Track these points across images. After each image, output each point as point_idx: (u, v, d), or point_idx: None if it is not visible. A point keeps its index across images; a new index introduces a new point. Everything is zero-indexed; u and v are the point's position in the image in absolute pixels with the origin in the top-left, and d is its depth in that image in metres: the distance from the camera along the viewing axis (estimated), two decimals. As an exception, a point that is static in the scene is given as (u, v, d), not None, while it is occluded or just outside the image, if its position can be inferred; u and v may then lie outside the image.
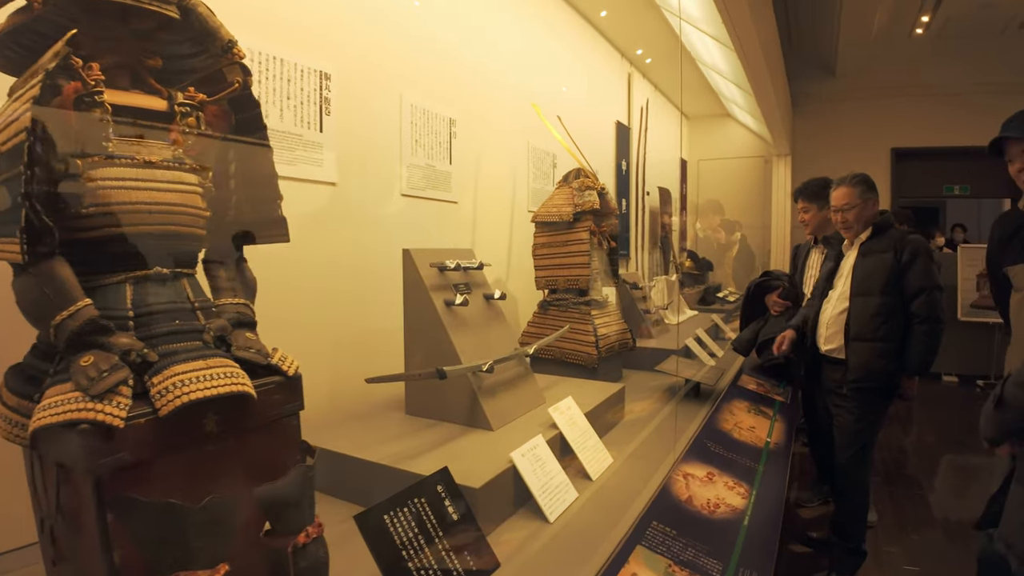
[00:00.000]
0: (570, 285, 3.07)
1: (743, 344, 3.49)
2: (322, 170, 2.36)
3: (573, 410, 2.07)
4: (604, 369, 3.06)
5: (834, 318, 2.68)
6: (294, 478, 1.16)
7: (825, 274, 2.82)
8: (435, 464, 1.65)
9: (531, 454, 1.74)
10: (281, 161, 2.21)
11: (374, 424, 2.09)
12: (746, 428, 2.31)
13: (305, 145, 2.30)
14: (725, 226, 7.38)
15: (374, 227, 2.57)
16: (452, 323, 2.09)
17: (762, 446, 2.16)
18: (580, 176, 3.12)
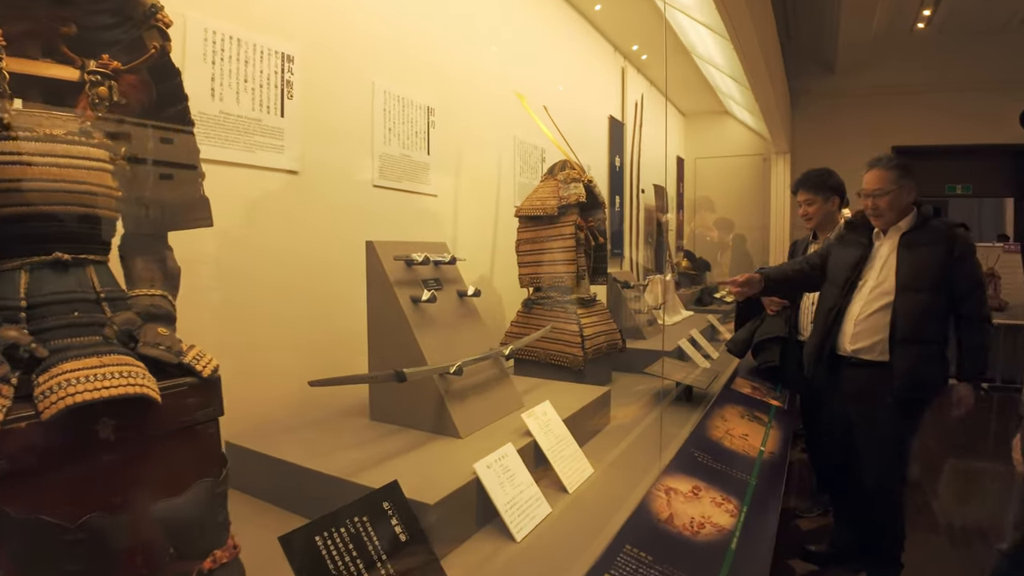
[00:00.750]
0: (555, 283, 2.90)
1: (738, 345, 3.31)
2: (283, 157, 2.20)
3: (550, 416, 1.90)
4: (592, 372, 2.90)
5: (866, 315, 2.37)
6: (196, 495, 1.00)
7: (850, 263, 2.47)
8: (390, 476, 1.49)
9: (498, 465, 1.57)
10: (238, 147, 2.05)
11: (333, 430, 1.92)
12: (738, 436, 2.13)
13: (264, 131, 2.14)
14: (719, 224, 7.21)
15: (342, 219, 2.40)
16: (419, 321, 1.93)
17: (755, 456, 1.99)
18: (566, 168, 2.96)
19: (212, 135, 1.99)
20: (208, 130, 1.98)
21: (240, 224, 2.07)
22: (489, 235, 3.42)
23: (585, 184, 2.91)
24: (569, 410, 2.08)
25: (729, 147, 8.20)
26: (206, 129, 1.97)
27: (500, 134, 3.52)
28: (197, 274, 1.94)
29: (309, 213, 2.29)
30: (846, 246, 2.54)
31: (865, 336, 2.35)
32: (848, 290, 2.43)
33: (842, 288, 2.45)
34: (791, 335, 3.06)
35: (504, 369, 2.16)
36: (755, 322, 3.28)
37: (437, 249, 2.18)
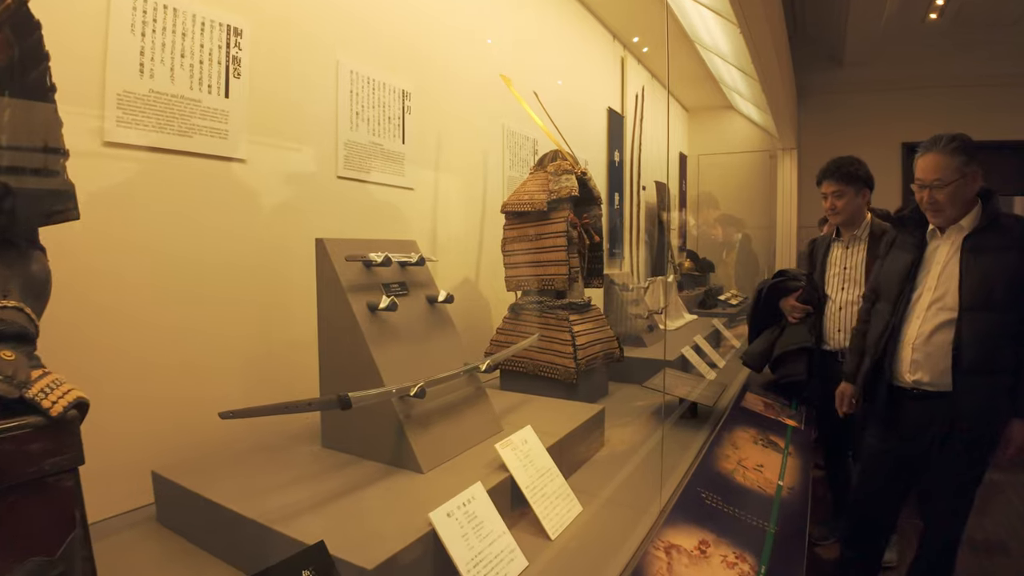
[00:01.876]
0: (545, 286, 2.61)
1: (755, 358, 2.95)
2: (227, 143, 1.91)
3: (531, 444, 1.61)
4: (587, 384, 2.61)
5: (924, 337, 1.91)
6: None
7: (902, 271, 2.01)
8: (327, 524, 1.22)
9: (462, 512, 1.28)
10: (170, 131, 1.76)
11: (278, 460, 1.64)
12: (752, 467, 1.83)
13: (204, 112, 1.85)
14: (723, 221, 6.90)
15: (298, 215, 2.11)
16: (376, 333, 1.64)
17: (773, 493, 1.68)
18: (557, 159, 2.67)
19: (139, 117, 1.70)
20: (134, 111, 1.69)
21: (174, 222, 1.78)
22: (475, 234, 3.13)
23: (578, 176, 2.62)
24: (556, 434, 1.79)
25: (734, 143, 7.89)
26: (132, 110, 1.68)
27: (487, 123, 3.23)
28: (117, 282, 1.67)
29: (258, 208, 2.00)
30: (898, 249, 2.10)
31: (926, 364, 1.91)
32: (902, 305, 1.99)
33: (894, 303, 2.01)
34: (816, 345, 2.72)
35: (480, 388, 1.87)
36: (774, 331, 2.93)
37: (403, 248, 1.89)
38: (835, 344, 2.62)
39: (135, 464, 1.62)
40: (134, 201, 1.70)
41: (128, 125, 1.68)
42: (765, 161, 7.83)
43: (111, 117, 1.64)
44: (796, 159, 7.62)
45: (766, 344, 2.90)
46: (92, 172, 1.60)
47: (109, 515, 1.61)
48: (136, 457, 1.63)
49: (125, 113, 1.67)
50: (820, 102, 8.34)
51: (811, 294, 2.74)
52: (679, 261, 5.91)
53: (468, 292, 3.07)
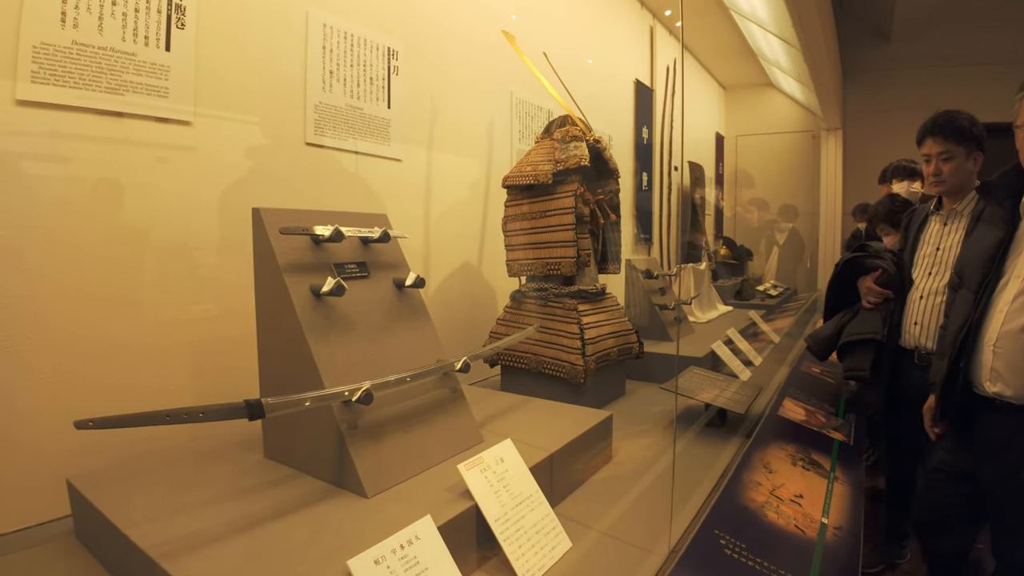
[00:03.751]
0: (550, 270, 2.28)
1: (819, 343, 2.48)
2: (167, 103, 1.64)
3: (509, 464, 1.29)
4: (599, 384, 2.28)
5: (1010, 337, 1.50)
6: None
7: (986, 253, 1.60)
8: (221, 564, 0.95)
9: (397, 558, 0.96)
10: (98, 88, 1.50)
11: (208, 472, 1.37)
12: (789, 499, 1.45)
13: (139, 67, 1.58)
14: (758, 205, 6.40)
15: (256, 187, 1.83)
16: (319, 322, 1.34)
17: (815, 535, 1.30)
18: (566, 124, 2.33)
19: (59, 72, 1.44)
20: (53, 65, 1.43)
21: (102, 192, 1.52)
22: (476, 214, 2.81)
23: (590, 144, 2.27)
24: (549, 447, 1.46)
25: (774, 123, 7.36)
26: (50, 64, 1.42)
27: (492, 89, 2.89)
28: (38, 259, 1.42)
29: (206, 177, 1.72)
30: (985, 224, 1.66)
31: (1009, 372, 1.50)
32: (984, 296, 1.57)
33: (977, 293, 1.59)
34: (889, 338, 2.22)
35: (456, 390, 1.55)
36: (846, 315, 2.44)
37: (369, 222, 1.58)
38: (910, 340, 2.15)
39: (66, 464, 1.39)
40: (52, 169, 1.44)
41: (45, 81, 1.42)
42: (807, 142, 7.28)
43: (25, 72, 1.39)
44: (841, 140, 7.06)
45: (834, 329, 2.41)
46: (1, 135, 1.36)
47: (34, 523, 1.40)
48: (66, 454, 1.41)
49: (41, 67, 1.42)
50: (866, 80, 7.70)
51: (894, 277, 2.23)
52: (714, 248, 5.49)
53: (469, 279, 2.75)
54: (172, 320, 1.66)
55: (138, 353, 1.59)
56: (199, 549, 1.01)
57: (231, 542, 1.03)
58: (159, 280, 1.63)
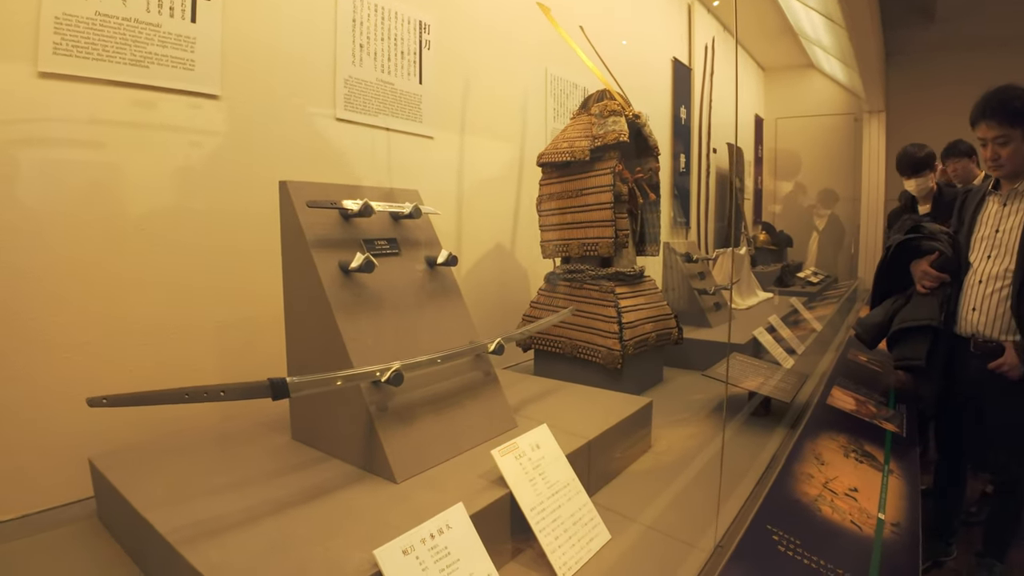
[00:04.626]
0: (587, 252, 2.19)
1: (868, 330, 2.32)
2: (195, 75, 1.59)
3: (545, 450, 1.22)
4: (636, 370, 2.19)
5: None
6: None
7: None
8: (242, 552, 0.92)
9: (426, 548, 0.91)
10: (122, 60, 1.46)
11: (234, 454, 1.33)
12: (843, 493, 1.34)
13: (165, 39, 1.53)
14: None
15: (284, 161, 1.78)
16: (348, 300, 1.28)
17: (872, 532, 1.20)
18: (604, 99, 2.23)
19: (81, 44, 1.40)
20: (76, 37, 1.39)
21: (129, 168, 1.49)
22: (510, 194, 2.73)
23: (629, 120, 2.17)
24: (586, 434, 1.39)
25: (815, 106, 7.08)
26: (74, 36, 1.38)
27: (526, 65, 2.80)
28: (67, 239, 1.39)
29: (233, 152, 1.68)
30: None
31: None
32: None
33: None
34: (944, 325, 2.07)
35: (490, 373, 1.49)
36: (897, 301, 2.27)
37: (401, 197, 1.52)
38: (967, 327, 2.02)
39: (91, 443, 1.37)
40: (75, 143, 1.41)
41: (67, 53, 1.38)
42: (849, 125, 6.98)
43: (47, 44, 1.35)
44: (884, 123, 6.75)
45: (885, 315, 2.25)
46: (23, 108, 1.33)
47: (58, 503, 1.38)
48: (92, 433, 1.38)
49: (64, 39, 1.38)
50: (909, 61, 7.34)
51: (950, 261, 2.09)
52: (753, 233, 5.32)
53: (502, 261, 2.68)
54: (199, 299, 1.62)
55: (165, 332, 1.56)
56: (219, 535, 0.96)
57: (253, 529, 0.99)
58: (186, 257, 1.59)
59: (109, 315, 1.46)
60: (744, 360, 2.17)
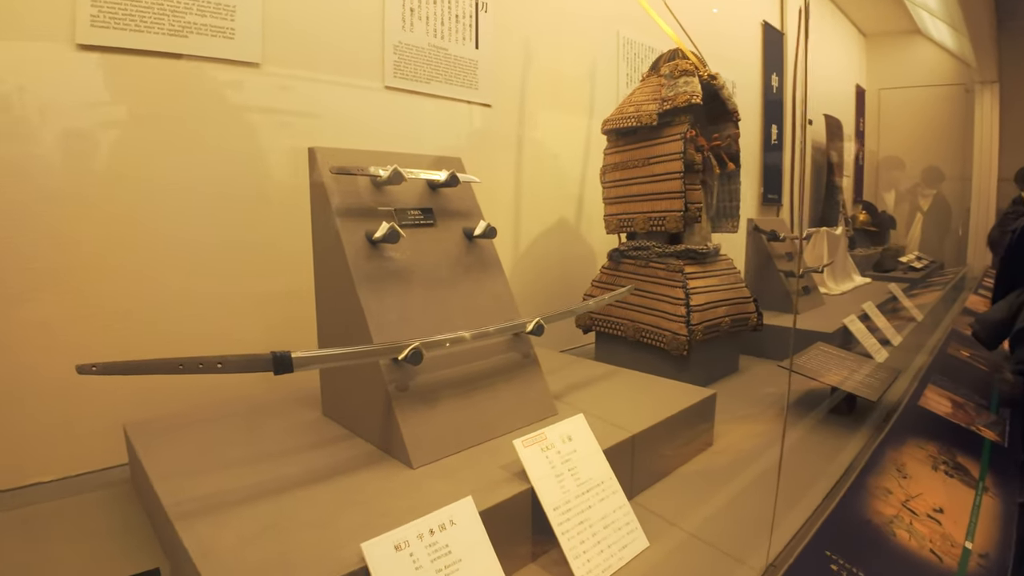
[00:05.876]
0: (653, 227, 2.02)
1: (987, 328, 2.00)
2: (235, 45, 1.55)
3: (579, 443, 1.10)
4: (705, 358, 2.01)
5: None
6: None
7: None
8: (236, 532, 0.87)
9: (423, 545, 0.81)
10: (159, 31, 1.43)
11: (261, 427, 1.30)
12: (926, 513, 1.11)
13: (204, 8, 1.50)
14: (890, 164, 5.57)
15: (329, 132, 1.73)
16: (373, 272, 1.20)
17: (955, 565, 0.97)
18: (676, 59, 2.03)
19: (119, 15, 1.38)
20: (113, 8, 1.37)
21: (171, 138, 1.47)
22: (576, 165, 2.57)
23: (703, 81, 1.97)
24: (632, 427, 1.25)
25: (921, 75, 6.35)
26: (109, 7, 1.36)
27: (596, 27, 2.62)
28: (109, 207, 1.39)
29: (276, 120, 1.63)
30: None
31: None
32: None
33: None
34: None
35: (529, 355, 1.37)
36: (1021, 295, 1.94)
37: (438, 165, 1.42)
38: None
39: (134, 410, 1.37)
40: (115, 114, 1.40)
41: (104, 25, 1.37)
42: (959, 96, 6.21)
43: (84, 16, 1.34)
44: (997, 95, 5.95)
45: (1008, 312, 1.94)
46: (63, 81, 1.33)
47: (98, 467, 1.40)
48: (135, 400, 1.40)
49: (101, 11, 1.36)
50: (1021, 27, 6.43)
51: None
52: (852, 213, 4.86)
53: (565, 237, 2.55)
54: (243, 270, 1.61)
55: (208, 303, 1.55)
56: (217, 512, 0.92)
57: (253, 508, 0.93)
58: (229, 227, 1.57)
59: (152, 285, 1.46)
60: (829, 351, 1.93)
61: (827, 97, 4.52)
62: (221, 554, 0.80)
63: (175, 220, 1.48)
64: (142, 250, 1.44)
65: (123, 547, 1.04)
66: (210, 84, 1.53)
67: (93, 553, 1.01)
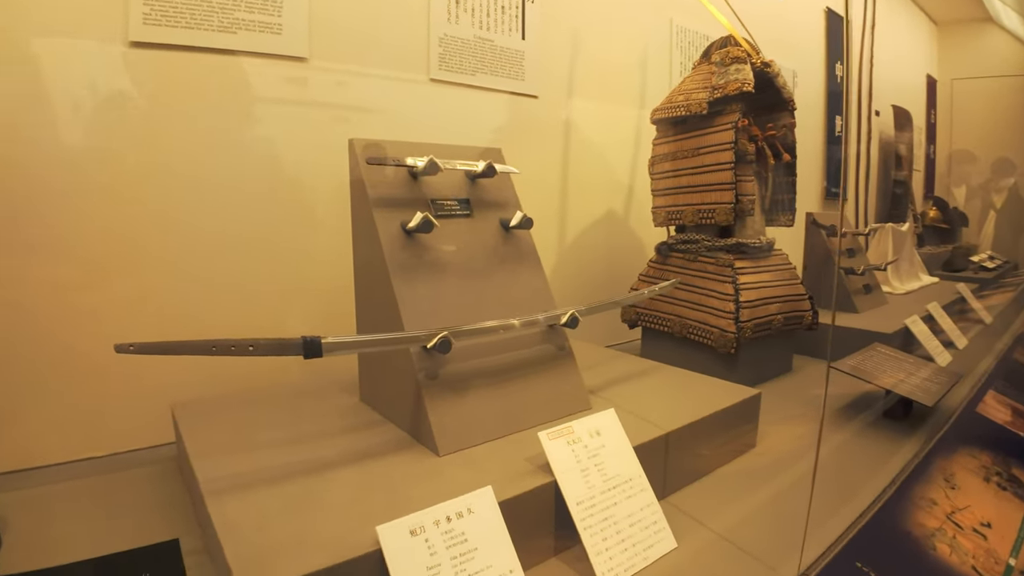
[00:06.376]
0: (703, 219, 1.96)
1: None
2: (282, 40, 1.59)
3: (608, 437, 1.08)
4: (754, 357, 1.94)
5: None
6: None
7: None
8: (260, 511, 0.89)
9: (439, 532, 0.81)
10: (208, 27, 1.48)
11: (299, 410, 1.35)
12: (970, 528, 1.02)
13: (252, 5, 1.54)
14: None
15: (375, 125, 1.75)
16: (408, 261, 1.21)
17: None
18: (727, 45, 1.96)
19: (169, 12, 1.44)
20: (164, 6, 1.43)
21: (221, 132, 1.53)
22: (625, 156, 2.53)
23: (757, 69, 1.89)
24: (666, 425, 1.22)
25: (994, 65, 5.91)
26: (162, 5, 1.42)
27: (647, 15, 2.56)
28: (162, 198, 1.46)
29: (322, 115, 1.67)
30: None
31: None
32: None
33: None
34: None
35: (564, 348, 1.36)
36: None
37: (477, 156, 1.41)
38: None
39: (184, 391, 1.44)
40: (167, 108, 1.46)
41: (156, 22, 1.42)
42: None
43: (136, 14, 1.40)
44: None
45: None
46: (116, 78, 1.39)
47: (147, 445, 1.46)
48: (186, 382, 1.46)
49: (153, 9, 1.41)
50: None
51: None
52: (922, 209, 4.59)
53: (613, 230, 2.51)
54: (292, 260, 1.65)
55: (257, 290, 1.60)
56: (248, 490, 0.95)
57: (281, 487, 0.96)
58: (277, 219, 1.61)
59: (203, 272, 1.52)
60: (886, 352, 1.83)
61: (895, 87, 4.28)
62: (244, 530, 0.82)
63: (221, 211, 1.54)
64: (192, 239, 1.50)
65: (163, 520, 1.08)
66: (258, 79, 1.57)
67: (134, 525, 1.06)
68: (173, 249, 1.48)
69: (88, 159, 1.36)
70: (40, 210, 1.32)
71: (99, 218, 1.38)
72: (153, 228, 1.45)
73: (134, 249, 1.43)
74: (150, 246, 1.45)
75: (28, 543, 1.00)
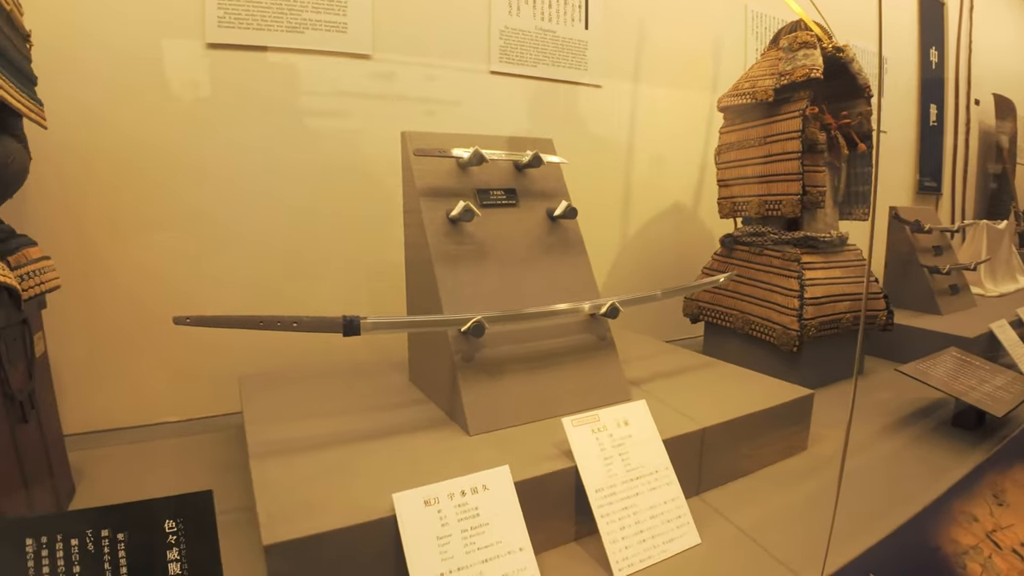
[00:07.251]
0: (769, 211, 1.90)
1: None
2: (347, 38, 1.67)
3: (636, 427, 1.08)
4: (819, 356, 1.86)
5: None
6: None
7: None
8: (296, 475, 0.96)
9: (452, 505, 0.85)
10: (278, 28, 1.58)
11: (350, 385, 1.43)
12: (1009, 548, 0.91)
13: (318, 5, 1.63)
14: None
15: (437, 118, 1.81)
16: (451, 249, 1.25)
17: None
18: (796, 30, 1.88)
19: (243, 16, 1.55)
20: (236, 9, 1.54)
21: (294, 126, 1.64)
22: (695, 147, 2.47)
23: (828, 54, 1.81)
24: (703, 420, 1.21)
25: None
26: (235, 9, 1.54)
27: (720, 2, 2.48)
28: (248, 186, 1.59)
29: (386, 109, 1.74)
30: None
31: None
32: None
33: None
34: None
35: (605, 338, 1.36)
36: None
37: (527, 146, 1.43)
38: None
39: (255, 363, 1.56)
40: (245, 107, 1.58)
41: (230, 25, 1.53)
42: None
43: (212, 17, 1.51)
44: None
45: None
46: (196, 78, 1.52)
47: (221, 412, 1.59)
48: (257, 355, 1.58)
49: (227, 13, 1.52)
50: None
51: None
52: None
53: (680, 222, 2.46)
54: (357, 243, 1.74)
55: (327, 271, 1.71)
56: (290, 454, 1.03)
57: (320, 454, 1.03)
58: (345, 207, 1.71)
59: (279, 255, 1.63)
60: (960, 357, 1.71)
61: (996, 74, 3.92)
62: (277, 489, 0.89)
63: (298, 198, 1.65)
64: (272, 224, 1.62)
65: (220, 480, 1.19)
66: (326, 75, 1.66)
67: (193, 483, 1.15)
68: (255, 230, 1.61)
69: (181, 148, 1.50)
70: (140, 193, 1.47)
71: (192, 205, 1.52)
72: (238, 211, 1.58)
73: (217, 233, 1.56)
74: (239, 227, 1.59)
75: (97, 493, 1.13)
